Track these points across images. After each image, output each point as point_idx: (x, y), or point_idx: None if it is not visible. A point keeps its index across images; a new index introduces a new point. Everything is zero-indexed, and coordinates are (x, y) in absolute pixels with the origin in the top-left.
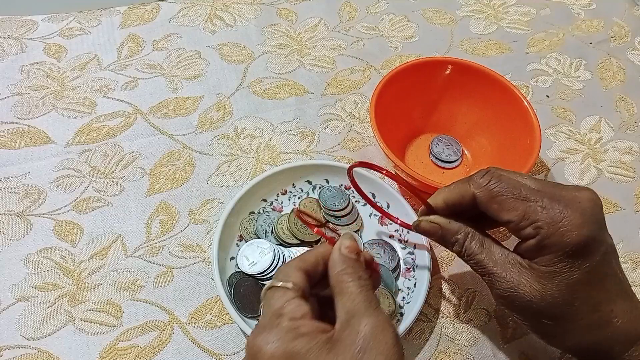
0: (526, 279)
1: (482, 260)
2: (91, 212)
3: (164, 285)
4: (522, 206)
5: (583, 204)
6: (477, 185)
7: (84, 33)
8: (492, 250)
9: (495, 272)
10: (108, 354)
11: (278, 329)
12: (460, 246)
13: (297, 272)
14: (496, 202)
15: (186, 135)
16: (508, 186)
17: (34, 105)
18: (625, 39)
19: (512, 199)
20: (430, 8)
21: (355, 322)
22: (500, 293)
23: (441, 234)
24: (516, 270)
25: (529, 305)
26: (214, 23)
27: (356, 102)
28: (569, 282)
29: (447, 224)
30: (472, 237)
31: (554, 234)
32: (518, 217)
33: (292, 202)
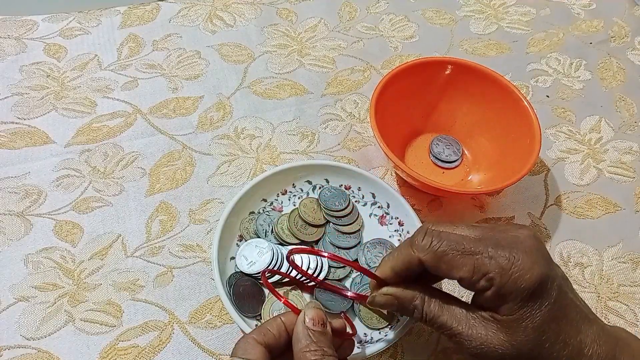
0: (493, 332)
1: (445, 323)
2: (91, 212)
3: (164, 285)
4: (470, 261)
5: (526, 244)
6: (420, 249)
7: (84, 33)
8: (452, 310)
9: (462, 332)
10: (108, 354)
11: None
12: (420, 312)
13: (256, 348)
14: (443, 262)
15: (186, 135)
16: (450, 243)
17: (34, 105)
18: (625, 39)
19: (458, 256)
20: (430, 8)
21: None
22: (472, 351)
23: (398, 304)
24: (481, 325)
25: (501, 357)
26: (214, 23)
27: (356, 102)
28: (535, 325)
29: (401, 293)
30: (429, 300)
31: (508, 282)
32: (468, 273)
33: (292, 202)
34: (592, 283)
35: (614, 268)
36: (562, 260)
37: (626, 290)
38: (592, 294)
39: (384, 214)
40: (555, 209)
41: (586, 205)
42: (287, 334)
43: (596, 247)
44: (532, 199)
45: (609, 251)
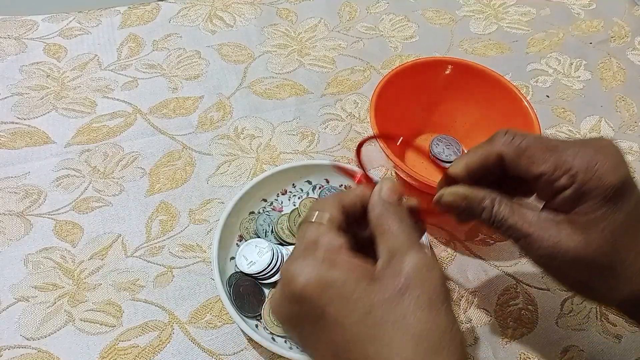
0: (566, 233)
1: (514, 224)
2: (91, 212)
3: (164, 285)
4: (553, 156)
5: (610, 148)
6: (502, 143)
7: (84, 33)
8: (523, 212)
9: (532, 234)
10: (108, 354)
11: (313, 258)
12: (489, 213)
13: (334, 206)
14: (525, 157)
15: (186, 135)
16: (535, 140)
17: (34, 105)
18: (625, 39)
19: (541, 151)
20: (430, 8)
21: (398, 259)
22: (541, 253)
23: (466, 205)
24: (553, 227)
25: (572, 261)
26: (214, 23)
27: (356, 102)
28: (612, 227)
29: (471, 192)
30: (500, 201)
31: (591, 179)
32: (551, 168)
33: (292, 202)
34: None
35: None
36: None
37: None
38: None
39: None
40: None
41: None
42: (362, 205)
43: None
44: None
45: None
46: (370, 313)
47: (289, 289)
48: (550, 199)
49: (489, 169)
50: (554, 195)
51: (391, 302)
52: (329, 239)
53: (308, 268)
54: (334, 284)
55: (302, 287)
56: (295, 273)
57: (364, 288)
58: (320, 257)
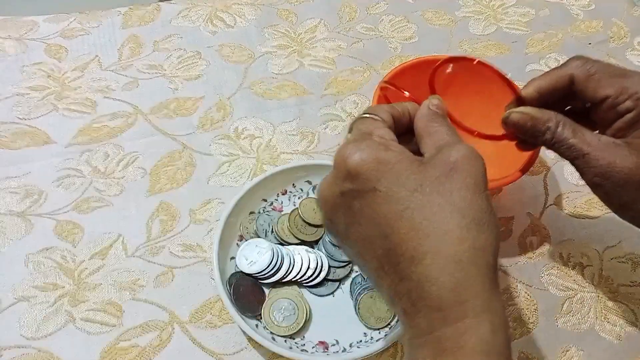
0: (622, 154)
1: (575, 144)
2: (92, 212)
3: (165, 285)
4: (619, 81)
5: None
6: (572, 67)
7: (85, 33)
8: (584, 134)
9: (589, 153)
10: (108, 354)
11: (369, 141)
12: (552, 133)
13: (386, 111)
14: (594, 80)
15: (187, 136)
16: (604, 66)
17: (35, 105)
18: (625, 40)
19: (608, 76)
20: (429, 9)
21: (446, 150)
22: (596, 172)
23: (531, 125)
24: (611, 149)
25: (625, 181)
26: (214, 24)
27: (356, 102)
28: None
29: (538, 113)
30: (564, 124)
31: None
32: (616, 91)
33: (292, 202)
34: (592, 283)
35: (614, 268)
36: (562, 260)
37: (626, 290)
38: (592, 294)
39: None
40: (555, 209)
41: (586, 205)
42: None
43: (596, 247)
44: (531, 199)
45: (609, 251)
46: (420, 189)
47: (344, 166)
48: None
49: (560, 90)
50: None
51: (440, 180)
52: (383, 132)
53: (364, 147)
54: (388, 162)
55: (357, 163)
56: (351, 151)
57: (416, 167)
58: (376, 142)
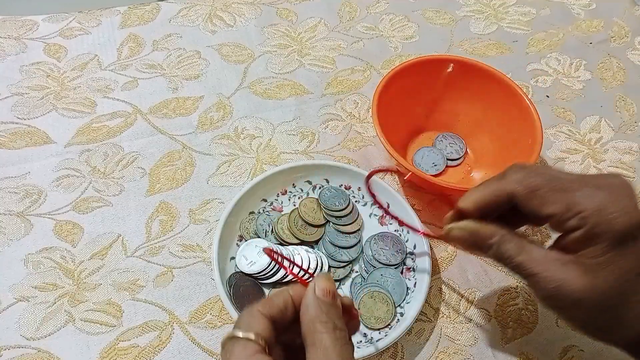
0: (572, 274)
1: (521, 263)
2: (91, 212)
3: (164, 285)
4: (564, 197)
5: (623, 190)
6: (514, 182)
7: (84, 33)
8: (530, 251)
9: (539, 273)
10: (108, 354)
11: None
12: (495, 251)
13: (261, 320)
14: (536, 197)
15: (186, 135)
16: (546, 179)
17: (34, 105)
18: (626, 39)
19: (553, 192)
20: (430, 8)
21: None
22: (546, 293)
23: (473, 240)
24: (560, 267)
25: (577, 301)
26: (214, 23)
27: (356, 102)
28: (620, 271)
29: (480, 228)
30: (508, 239)
31: (602, 222)
32: (561, 209)
33: (292, 202)
34: None
35: None
36: None
37: None
38: None
39: (384, 214)
40: None
41: None
42: (294, 307)
43: None
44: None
45: None
46: None
47: None
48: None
49: (499, 206)
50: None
51: None
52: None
53: None
54: None
55: None
56: None
57: None
58: None
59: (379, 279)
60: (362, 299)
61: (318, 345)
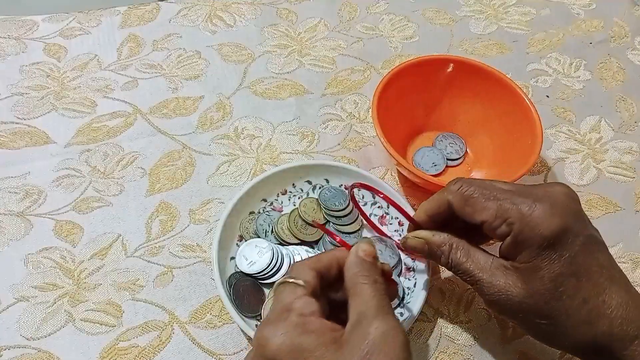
0: (512, 280)
1: (468, 269)
2: (91, 212)
3: (164, 285)
4: (494, 205)
5: (554, 197)
6: (450, 192)
7: (84, 33)
8: (477, 258)
9: (482, 279)
10: (108, 354)
11: (286, 323)
12: (446, 258)
13: (309, 271)
14: (469, 205)
15: (186, 135)
16: (479, 189)
17: (34, 105)
18: (626, 39)
19: (484, 200)
20: (430, 8)
21: (365, 324)
22: (490, 298)
23: (427, 249)
24: (501, 273)
25: (518, 306)
26: (214, 23)
27: (356, 102)
28: (552, 275)
29: (432, 237)
30: (457, 247)
31: (525, 228)
32: (491, 217)
33: (292, 202)
34: None
35: None
36: None
37: None
38: None
39: (384, 214)
40: None
41: (586, 205)
42: (339, 267)
43: None
44: None
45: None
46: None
47: (262, 354)
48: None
49: (444, 214)
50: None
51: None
52: (302, 304)
53: (280, 334)
54: (304, 349)
55: (274, 353)
56: (268, 337)
57: (332, 353)
58: (293, 323)
59: None
60: None
61: (359, 293)
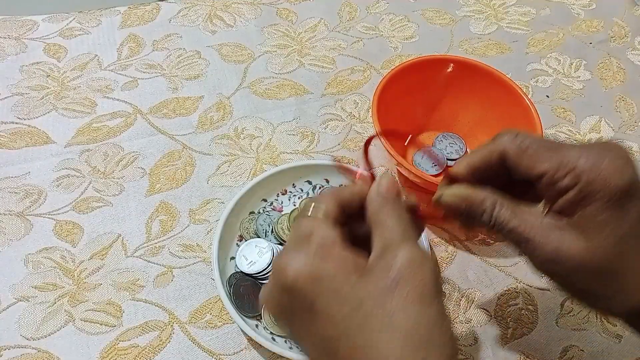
0: (569, 238)
1: (516, 228)
2: (91, 212)
3: (164, 285)
4: (556, 155)
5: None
6: (504, 142)
7: (84, 33)
8: (525, 216)
9: (533, 238)
10: (108, 354)
11: (306, 251)
12: (489, 215)
13: (330, 201)
14: (527, 155)
15: (186, 135)
16: (537, 140)
17: (34, 105)
18: (625, 39)
19: (544, 150)
20: (430, 8)
21: (390, 253)
22: (542, 259)
23: (466, 206)
24: (556, 231)
25: (575, 268)
26: (214, 23)
27: (356, 102)
28: (619, 232)
29: (473, 193)
30: (502, 203)
31: (596, 180)
32: (553, 167)
33: (292, 202)
34: None
35: None
36: None
37: None
38: None
39: None
40: None
41: None
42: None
43: None
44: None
45: None
46: (359, 308)
47: (280, 280)
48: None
49: (492, 168)
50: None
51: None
52: (323, 232)
53: (300, 260)
54: (325, 277)
55: (293, 279)
56: (287, 264)
57: (354, 282)
58: (313, 250)
59: None
60: None
61: (383, 225)
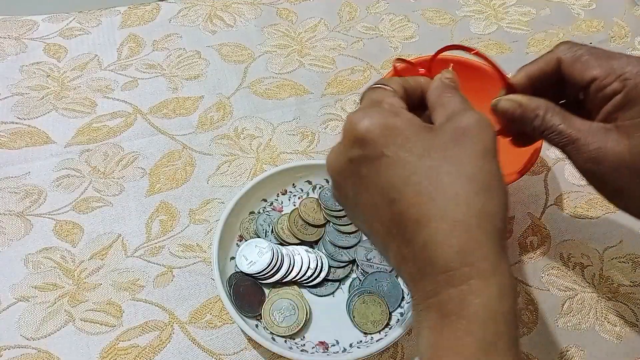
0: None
1: (564, 130)
2: (91, 212)
3: (164, 285)
4: (607, 62)
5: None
6: (560, 51)
7: (84, 33)
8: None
9: (579, 139)
10: (108, 354)
11: (378, 108)
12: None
13: (397, 83)
14: (580, 62)
15: (186, 135)
16: (590, 49)
17: (34, 105)
18: (625, 39)
19: (595, 58)
20: (430, 8)
21: (456, 117)
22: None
23: (520, 112)
24: (601, 134)
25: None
26: (214, 23)
27: (356, 102)
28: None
29: (528, 100)
30: (553, 110)
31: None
32: (603, 72)
33: (292, 202)
34: (592, 283)
35: (614, 268)
36: (562, 260)
37: (626, 290)
38: (593, 294)
39: None
40: (555, 209)
41: (586, 205)
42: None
43: (596, 247)
44: (532, 199)
45: (609, 251)
46: (428, 155)
47: (353, 132)
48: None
49: (548, 77)
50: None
51: (449, 145)
52: (392, 100)
53: (373, 114)
54: (396, 127)
55: (366, 129)
56: (360, 118)
57: (425, 133)
58: (385, 109)
59: (374, 284)
60: (355, 306)
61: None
